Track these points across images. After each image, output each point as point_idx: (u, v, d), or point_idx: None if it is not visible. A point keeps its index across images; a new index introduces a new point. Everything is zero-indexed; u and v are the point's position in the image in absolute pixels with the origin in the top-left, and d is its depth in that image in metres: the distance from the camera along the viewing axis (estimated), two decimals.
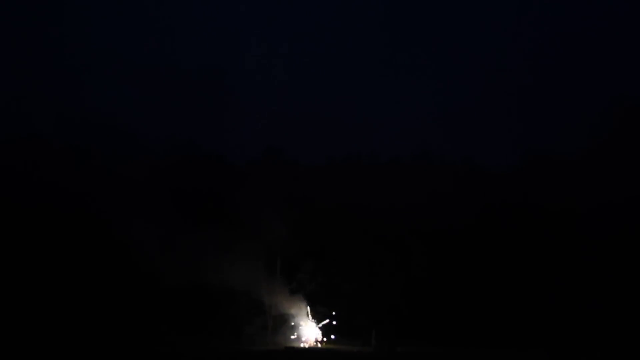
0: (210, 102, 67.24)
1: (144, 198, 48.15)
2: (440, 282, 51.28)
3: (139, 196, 48.32)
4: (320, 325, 50.11)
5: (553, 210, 51.87)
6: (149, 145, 54.93)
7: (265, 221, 49.67)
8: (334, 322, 50.03)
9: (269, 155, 56.37)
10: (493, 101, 74.40)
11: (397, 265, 51.54)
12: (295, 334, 50.37)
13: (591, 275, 49.44)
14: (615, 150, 52.18)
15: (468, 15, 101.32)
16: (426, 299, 50.33)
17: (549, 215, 51.97)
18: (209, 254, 47.30)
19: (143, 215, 46.77)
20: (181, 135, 58.18)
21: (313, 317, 50.36)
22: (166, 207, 47.92)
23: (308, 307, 50.31)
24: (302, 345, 49.53)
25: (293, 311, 50.33)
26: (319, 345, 49.71)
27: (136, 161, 51.75)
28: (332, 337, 49.95)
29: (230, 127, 65.11)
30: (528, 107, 71.00)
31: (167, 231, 47.04)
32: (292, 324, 50.44)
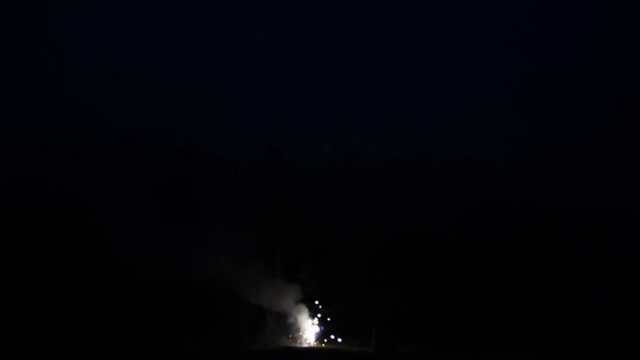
0: (208, 101, 67.25)
1: (138, 195, 48.03)
2: (440, 283, 51.28)
3: (133, 193, 48.15)
4: (315, 324, 50.16)
5: (553, 211, 51.86)
6: (149, 145, 54.83)
7: (265, 221, 49.75)
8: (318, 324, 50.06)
9: (269, 155, 56.37)
10: (493, 101, 74.34)
11: (397, 265, 51.53)
12: (295, 334, 50.43)
13: (590, 277, 49.44)
14: (616, 151, 52.14)
15: (467, 15, 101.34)
16: (426, 299, 50.32)
17: (549, 216, 51.95)
18: (208, 253, 47.21)
19: (134, 212, 46.56)
20: (180, 134, 58.15)
21: (312, 317, 50.39)
22: (156, 204, 47.85)
23: (308, 307, 50.38)
24: (302, 345, 49.64)
25: (292, 311, 50.27)
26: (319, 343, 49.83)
27: (132, 160, 51.48)
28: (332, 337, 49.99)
29: (229, 126, 65.12)
30: (528, 107, 70.96)
31: (162, 229, 46.77)
32: (292, 324, 50.45)
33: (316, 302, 50.52)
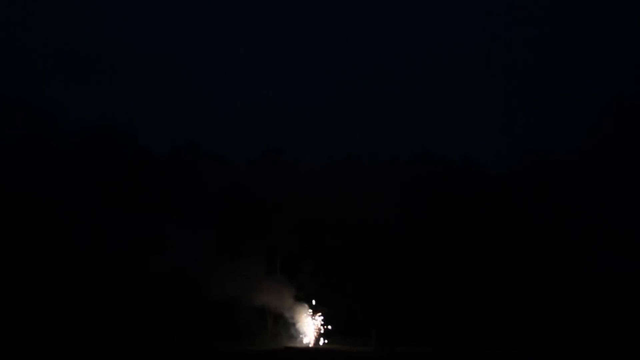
0: (208, 99, 67.15)
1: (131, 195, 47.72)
2: (440, 283, 51.24)
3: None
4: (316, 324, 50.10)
5: (552, 211, 51.88)
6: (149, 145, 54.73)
7: (266, 220, 49.66)
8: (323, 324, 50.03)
9: (269, 155, 56.31)
10: (493, 101, 74.48)
11: (396, 265, 51.49)
12: (295, 334, 50.38)
13: (589, 277, 49.50)
14: (615, 150, 52.22)
15: (466, 14, 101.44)
16: (426, 299, 50.30)
17: (548, 216, 51.97)
18: (209, 254, 47.03)
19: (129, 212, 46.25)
20: (182, 136, 58.14)
21: (313, 317, 50.32)
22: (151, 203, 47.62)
23: (308, 307, 50.28)
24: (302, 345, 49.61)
25: (292, 311, 50.19)
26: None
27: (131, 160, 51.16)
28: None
29: (229, 125, 65.09)
30: (528, 107, 71.07)
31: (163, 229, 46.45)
32: (292, 324, 50.39)
33: (315, 301, 50.42)
